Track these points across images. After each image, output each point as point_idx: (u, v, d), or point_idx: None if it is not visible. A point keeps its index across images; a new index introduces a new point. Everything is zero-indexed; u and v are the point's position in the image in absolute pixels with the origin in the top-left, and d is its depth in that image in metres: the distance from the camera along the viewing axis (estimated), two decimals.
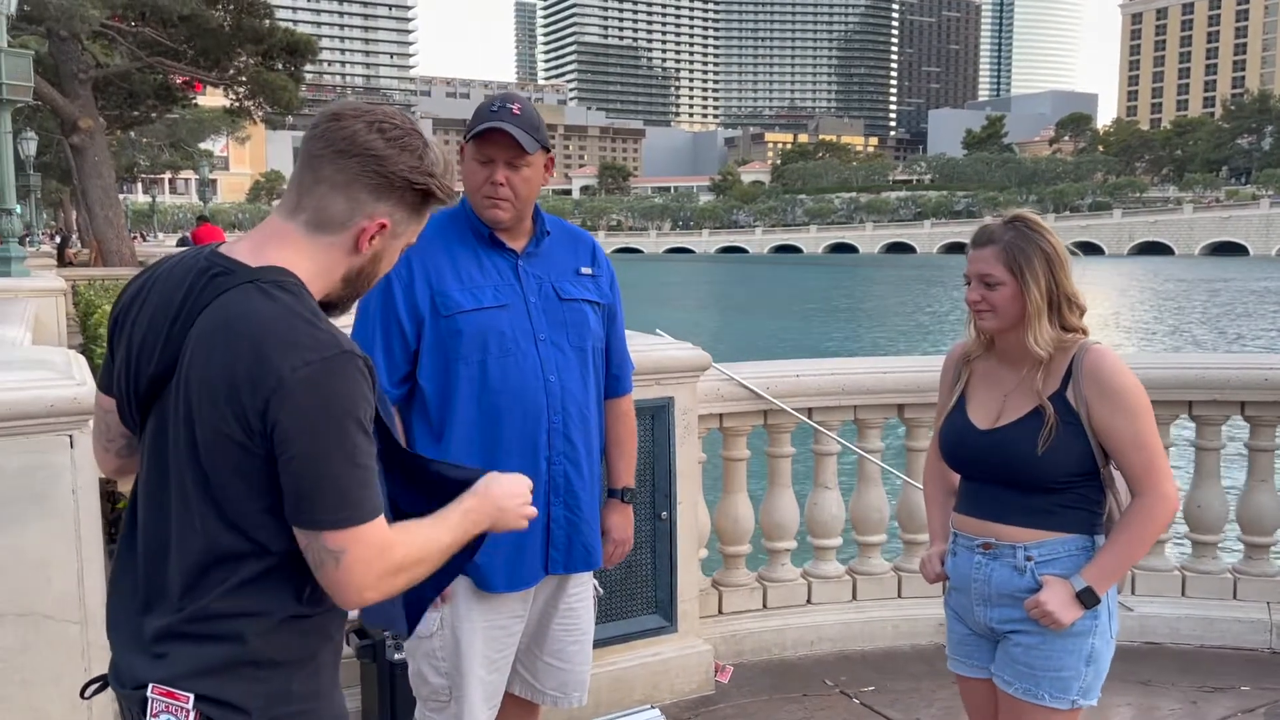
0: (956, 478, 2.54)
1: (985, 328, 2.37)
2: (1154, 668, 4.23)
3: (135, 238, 40.01)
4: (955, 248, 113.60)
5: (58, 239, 36.57)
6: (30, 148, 30.21)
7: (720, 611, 4.43)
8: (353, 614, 3.65)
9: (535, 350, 2.50)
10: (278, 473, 1.49)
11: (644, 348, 3.85)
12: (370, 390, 1.54)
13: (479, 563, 2.50)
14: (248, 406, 1.46)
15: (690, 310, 44.97)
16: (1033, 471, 2.30)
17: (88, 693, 1.68)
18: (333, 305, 1.69)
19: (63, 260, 25.51)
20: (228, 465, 1.50)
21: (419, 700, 2.64)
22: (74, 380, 2.88)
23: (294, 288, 1.56)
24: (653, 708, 3.74)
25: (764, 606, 4.49)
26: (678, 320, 35.50)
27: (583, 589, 2.73)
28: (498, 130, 2.39)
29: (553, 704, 2.76)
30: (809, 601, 4.54)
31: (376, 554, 1.51)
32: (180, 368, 1.53)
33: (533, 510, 1.77)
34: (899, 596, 4.59)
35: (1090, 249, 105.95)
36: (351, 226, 1.62)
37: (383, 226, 1.63)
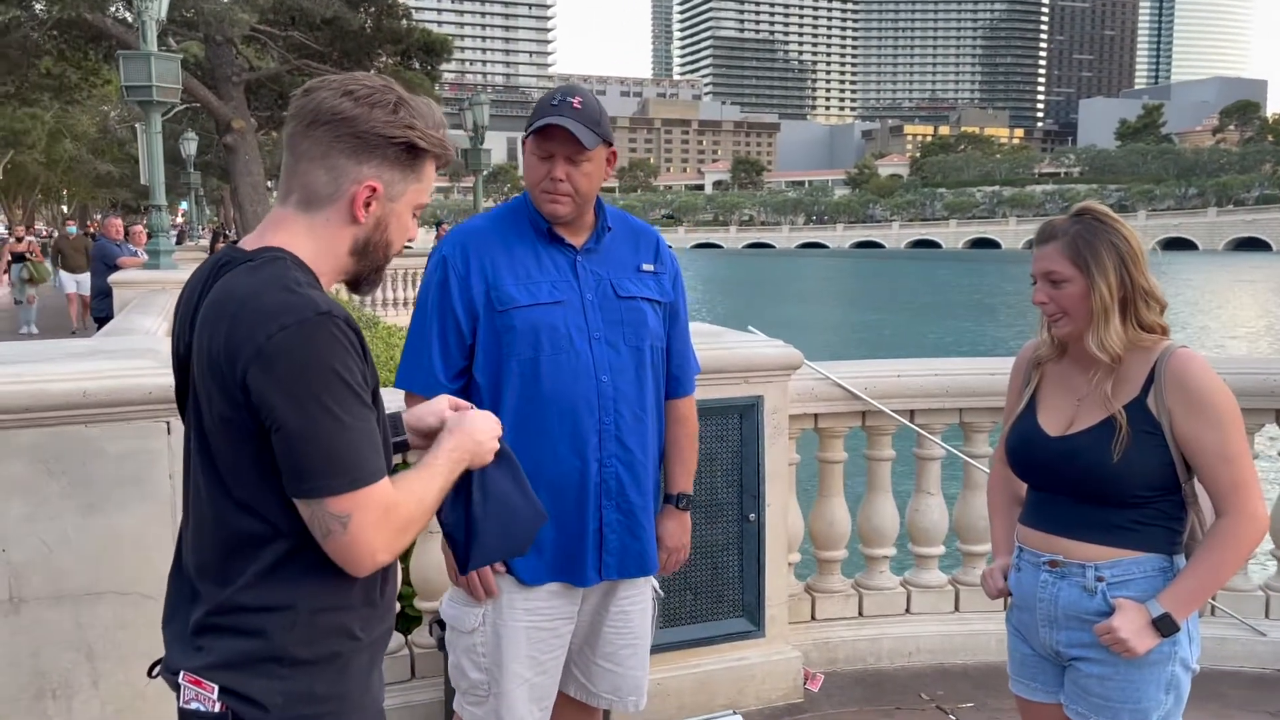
0: (1023, 487, 2.37)
1: (1061, 334, 2.19)
2: None
3: None
4: None
5: (210, 234, 38.70)
6: (190, 148, 32.06)
7: (813, 618, 4.30)
8: (433, 603, 3.66)
9: (589, 349, 2.43)
10: (269, 446, 1.47)
11: (733, 344, 3.77)
12: (355, 349, 1.49)
13: (522, 560, 2.44)
14: (230, 379, 1.46)
15: (814, 306, 44.29)
16: (1107, 484, 2.11)
17: (154, 672, 1.71)
18: (358, 283, 1.68)
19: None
20: (228, 443, 1.50)
21: (458, 693, 2.61)
22: (172, 369, 2.99)
23: (279, 261, 1.54)
24: (735, 713, 3.66)
25: (859, 614, 4.34)
26: (788, 316, 35.04)
27: (636, 592, 2.64)
28: (556, 126, 2.34)
29: (607, 707, 2.71)
30: (908, 611, 4.37)
31: (383, 514, 1.48)
32: (191, 355, 1.56)
33: (496, 443, 1.71)
34: (1005, 609, 4.36)
35: (1256, 244, 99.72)
36: (341, 197, 1.58)
37: (374, 190, 1.59)
